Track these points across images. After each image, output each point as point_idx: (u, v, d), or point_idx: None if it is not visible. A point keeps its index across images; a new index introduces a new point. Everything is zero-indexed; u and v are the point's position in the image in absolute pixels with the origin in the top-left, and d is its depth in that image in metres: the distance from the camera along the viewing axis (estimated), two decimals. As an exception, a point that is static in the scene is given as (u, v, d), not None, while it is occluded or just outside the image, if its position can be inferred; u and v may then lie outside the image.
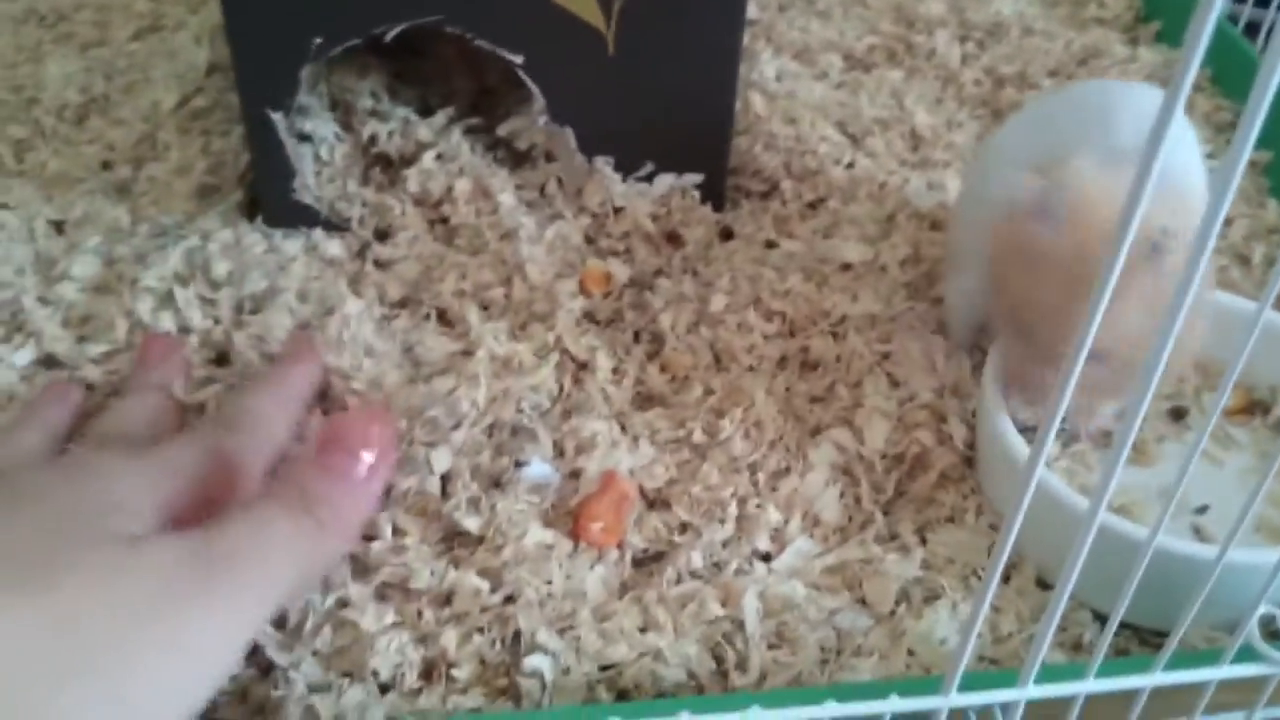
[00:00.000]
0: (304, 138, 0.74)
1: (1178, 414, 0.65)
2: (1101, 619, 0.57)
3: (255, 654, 0.51)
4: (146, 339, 0.64)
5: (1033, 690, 0.45)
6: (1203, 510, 0.60)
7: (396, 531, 0.56)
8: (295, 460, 0.54)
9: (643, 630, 0.53)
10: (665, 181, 0.76)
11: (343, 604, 0.53)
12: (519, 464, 0.59)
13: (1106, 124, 0.60)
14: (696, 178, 0.77)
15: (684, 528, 0.59)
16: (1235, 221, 0.80)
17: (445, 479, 0.58)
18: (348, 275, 0.72)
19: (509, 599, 0.54)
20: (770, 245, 0.76)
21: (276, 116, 0.70)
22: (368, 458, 0.51)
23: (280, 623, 0.52)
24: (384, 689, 0.51)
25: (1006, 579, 0.58)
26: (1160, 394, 0.66)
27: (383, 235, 0.74)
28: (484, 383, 0.62)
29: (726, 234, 0.77)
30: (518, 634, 0.52)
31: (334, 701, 0.50)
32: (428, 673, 0.51)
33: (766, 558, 0.58)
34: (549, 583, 0.54)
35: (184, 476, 0.49)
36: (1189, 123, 0.65)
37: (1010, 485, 0.59)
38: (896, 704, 0.44)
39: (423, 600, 0.54)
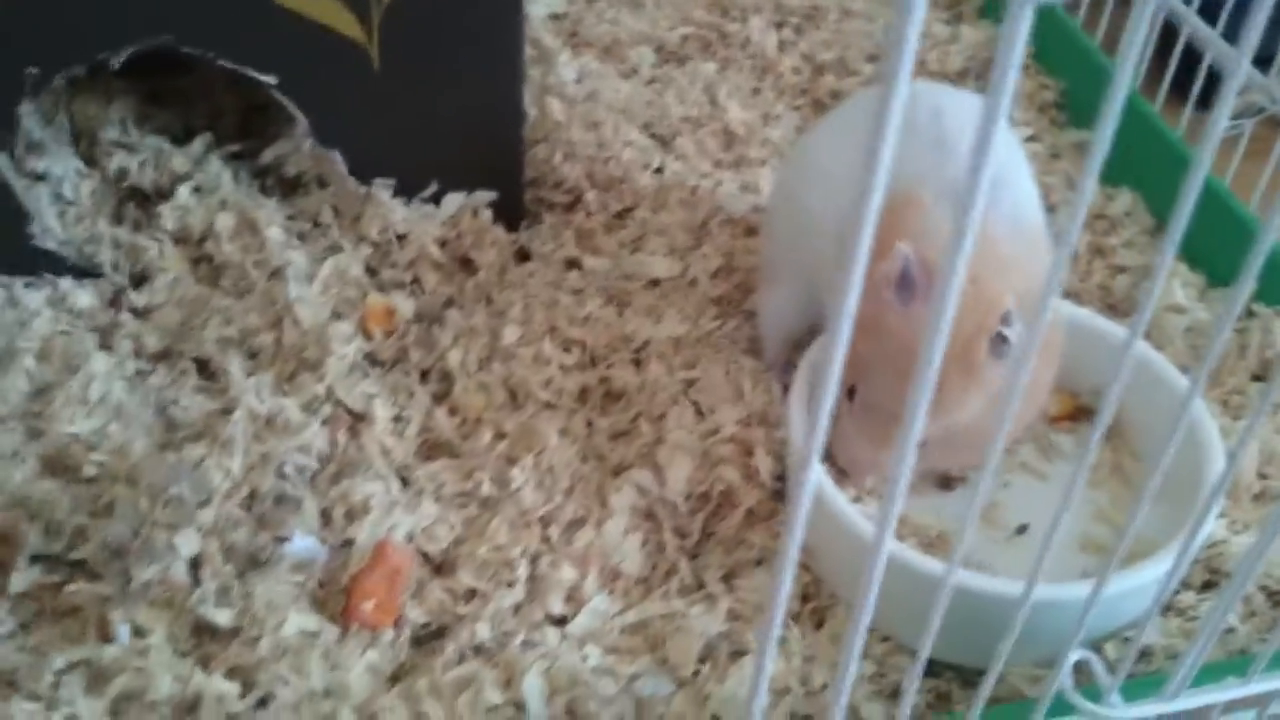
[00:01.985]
0: (40, 177, 0.66)
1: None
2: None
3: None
4: None
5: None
6: (1023, 530, 0.57)
7: (137, 631, 0.50)
8: None
9: (413, 726, 0.48)
10: (454, 202, 0.70)
11: (66, 727, 0.46)
12: (280, 540, 0.53)
13: (941, 145, 0.56)
14: (489, 195, 0.71)
15: (470, 595, 0.53)
16: (1059, 210, 0.78)
17: (194, 564, 0.52)
18: (99, 327, 0.64)
19: (262, 702, 0.48)
20: (571, 265, 0.71)
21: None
22: None
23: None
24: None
25: (819, 625, 0.54)
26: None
27: (139, 280, 0.67)
28: (241, 447, 0.56)
29: (523, 255, 0.71)
30: (269, 745, 0.46)
31: None
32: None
33: (562, 621, 0.53)
34: (310, 678, 0.48)
35: None
36: (1021, 154, 0.61)
37: (817, 527, 0.55)
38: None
39: (162, 712, 0.47)
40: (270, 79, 0.63)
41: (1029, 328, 0.54)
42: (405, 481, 0.58)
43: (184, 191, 0.68)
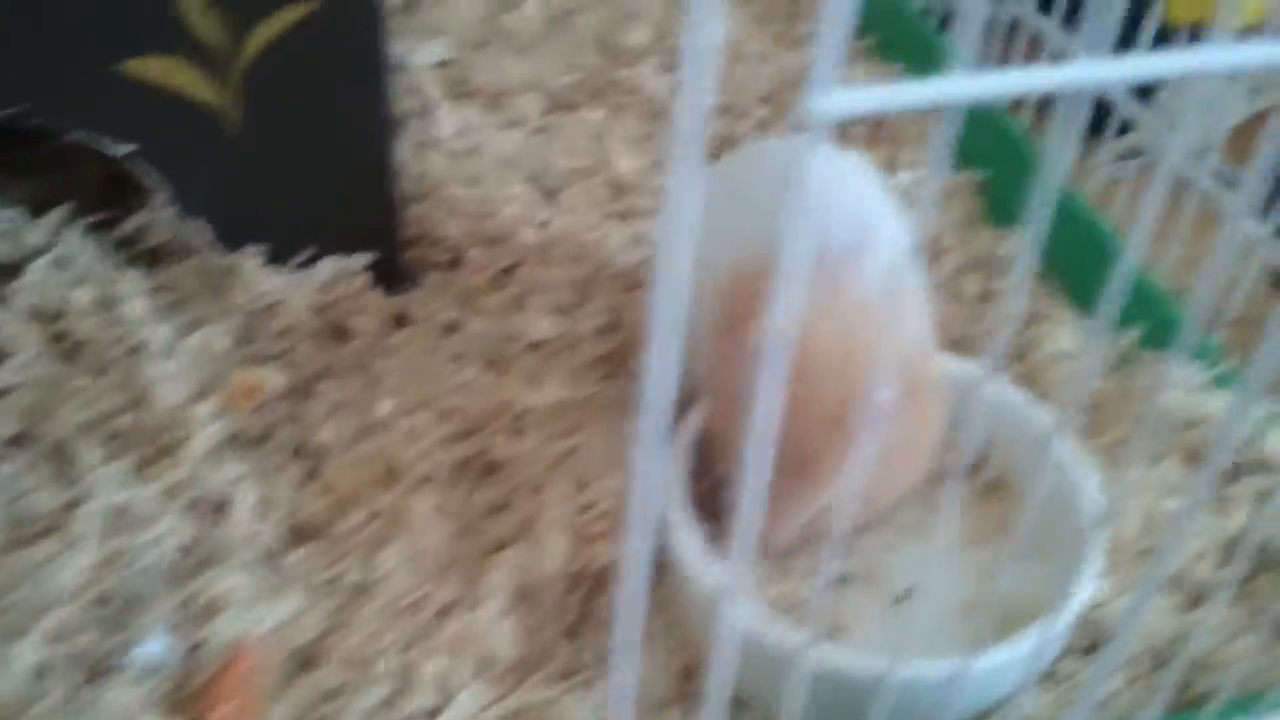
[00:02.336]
0: (-118, 256, 0.63)
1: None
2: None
3: None
4: None
5: None
6: (906, 595, 0.56)
7: (-27, 751, 0.47)
8: None
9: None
10: (329, 267, 0.68)
11: None
12: (131, 643, 0.51)
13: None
14: (366, 258, 0.69)
15: (336, 692, 0.51)
16: (946, 254, 0.77)
17: (38, 674, 0.49)
18: (-50, 413, 0.61)
19: (106, 825, 0.45)
20: (451, 328, 0.69)
21: None
22: None
23: None
24: None
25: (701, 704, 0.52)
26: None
27: (-7, 360, 0.64)
28: (93, 543, 0.53)
29: (402, 320, 0.69)
30: None
31: None
32: None
33: (434, 713, 0.51)
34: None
35: None
36: (888, 204, 0.60)
37: (688, 598, 0.53)
38: None
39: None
40: (127, 148, 0.61)
41: (902, 386, 0.54)
42: (270, 570, 0.55)
43: (40, 265, 0.65)
